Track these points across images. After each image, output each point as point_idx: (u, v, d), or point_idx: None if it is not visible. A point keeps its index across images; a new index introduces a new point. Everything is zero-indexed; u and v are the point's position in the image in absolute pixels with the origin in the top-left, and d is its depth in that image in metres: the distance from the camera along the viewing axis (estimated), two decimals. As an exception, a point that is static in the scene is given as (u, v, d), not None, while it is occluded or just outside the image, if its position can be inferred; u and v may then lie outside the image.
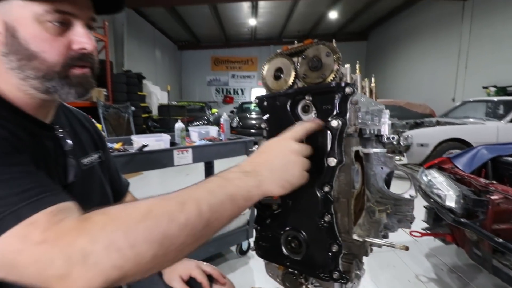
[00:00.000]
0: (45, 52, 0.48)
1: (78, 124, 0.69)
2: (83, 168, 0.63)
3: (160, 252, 0.36)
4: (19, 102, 0.51)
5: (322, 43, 0.56)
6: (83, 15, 0.51)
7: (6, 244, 0.34)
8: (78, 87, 0.52)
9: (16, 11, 0.46)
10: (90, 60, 0.53)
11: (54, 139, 0.57)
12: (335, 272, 0.53)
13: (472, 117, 4.51)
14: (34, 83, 0.49)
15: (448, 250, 2.10)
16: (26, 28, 0.46)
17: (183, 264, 0.78)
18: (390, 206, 0.78)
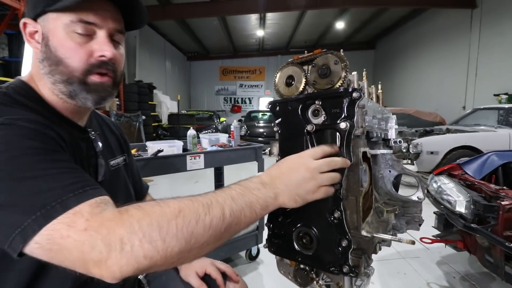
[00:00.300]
0: (68, 58, 0.53)
1: (107, 129, 0.76)
2: (110, 169, 0.69)
3: (186, 248, 0.41)
4: (59, 107, 0.58)
5: (330, 53, 0.61)
6: (106, 26, 0.55)
7: (55, 230, 0.38)
8: (95, 94, 0.56)
9: (50, 23, 0.53)
10: (110, 68, 0.57)
11: (87, 140, 0.63)
12: (345, 266, 0.56)
13: (483, 124, 4.45)
14: (61, 87, 0.55)
15: (460, 257, 2.06)
16: (56, 37, 0.53)
17: (199, 261, 0.82)
18: (398, 207, 0.80)
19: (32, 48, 0.56)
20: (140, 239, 0.38)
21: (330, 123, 0.58)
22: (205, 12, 8.72)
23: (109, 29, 0.56)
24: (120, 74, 0.61)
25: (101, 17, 0.54)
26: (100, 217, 0.39)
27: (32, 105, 0.53)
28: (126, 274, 0.38)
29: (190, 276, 0.79)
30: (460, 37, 8.37)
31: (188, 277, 0.79)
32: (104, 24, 0.55)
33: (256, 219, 0.49)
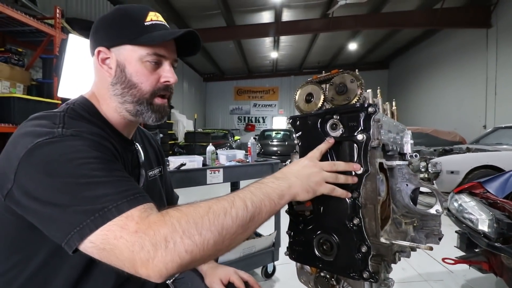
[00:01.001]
0: (142, 83, 0.63)
1: (147, 142, 0.84)
2: (149, 179, 0.76)
3: (219, 239, 0.46)
4: (113, 122, 0.67)
5: (347, 72, 0.67)
6: (170, 57, 0.66)
7: (110, 230, 0.44)
8: (157, 113, 0.66)
9: (126, 53, 0.63)
10: (170, 90, 0.68)
11: (132, 152, 0.72)
12: (365, 272, 0.59)
13: (505, 143, 4.31)
14: (129, 106, 0.64)
15: (486, 281, 1.96)
16: (132, 66, 0.63)
17: (223, 269, 0.85)
18: (416, 219, 0.82)
19: (103, 72, 0.64)
20: (181, 236, 0.43)
21: (348, 136, 0.63)
22: (222, 36, 9.16)
23: (171, 60, 0.67)
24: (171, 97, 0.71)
25: (168, 50, 0.65)
26: (147, 220, 0.45)
27: (93, 119, 0.62)
28: (171, 271, 0.43)
29: (215, 283, 0.82)
30: (476, 57, 8.31)
31: (212, 284, 0.83)
32: (169, 56, 0.66)
33: (276, 208, 0.55)
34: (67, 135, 0.52)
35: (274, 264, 2.01)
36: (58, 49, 2.93)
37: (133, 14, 0.64)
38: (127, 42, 0.62)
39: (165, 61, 0.65)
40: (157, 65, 0.64)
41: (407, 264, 2.24)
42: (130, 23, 0.63)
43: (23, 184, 0.48)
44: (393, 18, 8.12)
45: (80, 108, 0.63)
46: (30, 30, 3.64)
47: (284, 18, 8.88)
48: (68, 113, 0.59)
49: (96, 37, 0.65)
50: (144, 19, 0.63)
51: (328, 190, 0.59)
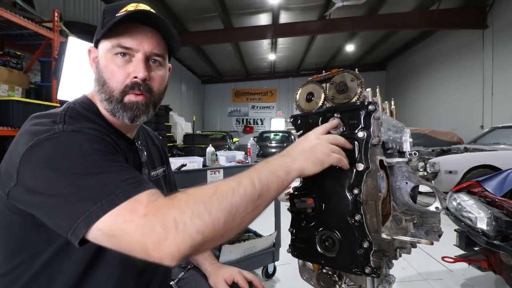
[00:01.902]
0: (109, 79, 0.61)
1: (151, 141, 0.84)
2: (151, 179, 0.76)
3: (229, 218, 0.45)
4: (111, 120, 0.66)
5: (347, 71, 0.68)
6: (142, 49, 0.61)
7: (119, 215, 0.43)
8: (129, 111, 0.62)
9: (101, 48, 0.63)
10: (143, 88, 0.62)
11: (134, 151, 0.71)
12: (367, 267, 0.59)
13: (502, 143, 4.35)
14: (105, 104, 0.63)
15: (486, 279, 1.97)
16: (103, 60, 0.62)
17: (227, 269, 0.86)
18: (416, 216, 0.83)
19: (92, 70, 0.66)
20: (190, 216, 0.42)
21: (348, 133, 0.64)
22: (219, 39, 9.20)
23: (145, 52, 0.61)
24: (157, 94, 0.66)
25: (137, 41, 0.60)
26: (156, 204, 0.45)
27: (93, 118, 0.62)
28: (184, 253, 0.41)
29: (219, 284, 0.83)
30: (472, 57, 8.38)
31: (217, 285, 0.83)
32: (140, 47, 0.61)
33: (284, 184, 0.53)
34: (68, 131, 0.52)
35: (274, 265, 2.01)
36: (58, 52, 2.94)
37: (113, 8, 0.62)
38: (99, 37, 0.61)
39: (136, 54, 0.61)
40: (128, 59, 0.61)
41: (407, 264, 2.25)
42: (107, 17, 0.61)
43: (26, 181, 0.48)
44: (390, 19, 8.18)
45: (81, 107, 0.63)
46: (28, 33, 3.64)
47: (282, 20, 8.92)
48: (68, 112, 0.59)
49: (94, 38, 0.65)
50: (118, 11, 0.60)
51: (336, 160, 0.58)
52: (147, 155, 0.76)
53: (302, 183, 0.71)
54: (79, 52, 2.36)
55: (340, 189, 0.64)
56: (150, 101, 0.65)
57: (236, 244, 1.75)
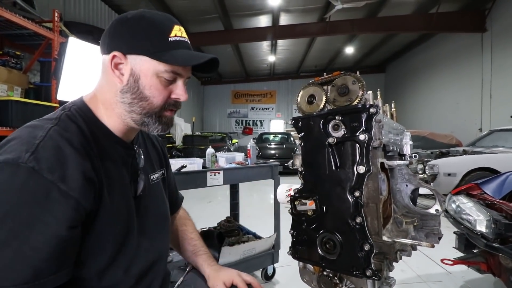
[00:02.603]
0: (154, 97, 0.63)
1: (150, 143, 0.84)
2: (150, 183, 0.76)
3: None
4: (112, 127, 0.66)
5: (348, 74, 0.69)
6: (186, 75, 0.67)
7: None
8: (165, 125, 0.67)
9: (144, 65, 0.62)
10: (179, 106, 0.69)
11: (132, 156, 0.71)
12: (368, 270, 0.60)
13: (501, 146, 4.37)
14: (136, 116, 0.64)
15: (485, 282, 1.97)
16: (147, 79, 0.62)
17: (226, 272, 0.85)
18: (416, 219, 0.83)
19: (113, 77, 0.63)
20: None
21: (350, 136, 0.64)
22: (219, 40, 9.21)
23: (187, 77, 0.68)
24: None
25: (186, 70, 0.66)
26: None
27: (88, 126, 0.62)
28: None
29: (218, 286, 0.82)
30: (471, 60, 8.42)
31: (215, 287, 0.83)
32: (185, 74, 0.66)
33: None
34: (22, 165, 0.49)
35: (274, 267, 2.01)
36: (58, 52, 2.94)
37: (159, 26, 0.62)
38: (147, 54, 0.61)
39: (179, 78, 0.66)
40: (171, 82, 0.65)
41: (406, 266, 2.25)
42: (154, 35, 0.61)
43: None
44: (389, 22, 8.21)
45: (76, 113, 0.62)
46: (28, 33, 3.64)
47: (282, 22, 8.95)
48: (59, 123, 0.58)
49: (114, 39, 0.62)
50: (169, 34, 0.62)
51: None
52: (146, 158, 0.76)
53: (303, 185, 0.71)
54: (79, 53, 2.36)
55: (341, 191, 0.64)
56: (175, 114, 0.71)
57: (236, 246, 1.75)
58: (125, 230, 0.63)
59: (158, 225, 0.76)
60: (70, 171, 0.52)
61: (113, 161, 0.64)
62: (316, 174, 0.69)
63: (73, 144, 0.55)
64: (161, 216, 0.79)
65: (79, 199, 0.52)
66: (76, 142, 0.56)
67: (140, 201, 0.71)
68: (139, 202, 0.70)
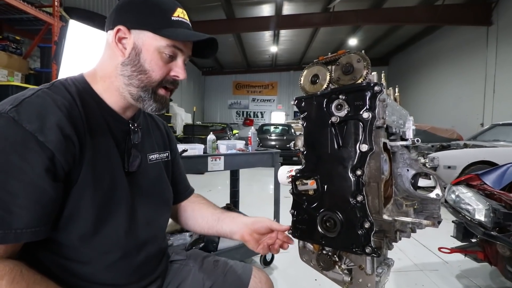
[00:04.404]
0: (153, 71, 0.64)
1: (154, 125, 0.84)
2: (148, 162, 0.75)
3: None
4: (108, 100, 0.67)
5: (353, 52, 0.68)
6: (187, 53, 0.67)
7: None
8: (158, 103, 0.67)
9: (146, 39, 0.63)
10: (176, 85, 0.69)
11: (126, 132, 0.71)
12: (367, 247, 0.60)
13: (502, 140, 4.36)
14: (133, 90, 0.65)
15: (481, 271, 2.00)
16: (148, 53, 0.63)
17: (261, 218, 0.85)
18: (417, 202, 0.83)
19: (115, 50, 0.64)
20: None
21: (353, 115, 0.64)
22: (221, 29, 9.10)
23: (188, 56, 0.68)
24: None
25: (186, 47, 0.67)
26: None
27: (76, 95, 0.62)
28: None
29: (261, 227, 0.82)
30: (476, 54, 8.33)
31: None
32: (186, 51, 0.67)
33: None
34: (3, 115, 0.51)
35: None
36: (58, 36, 2.90)
37: (164, 5, 0.65)
38: (150, 30, 0.63)
39: (180, 56, 0.67)
40: (171, 58, 0.65)
41: (403, 254, 2.28)
42: (158, 13, 0.64)
43: None
44: (394, 13, 8.09)
45: (72, 83, 0.64)
46: (28, 18, 3.60)
47: (285, 11, 8.82)
48: (50, 87, 0.60)
49: (119, 15, 0.64)
50: (172, 13, 0.65)
51: None
52: (145, 138, 0.76)
53: (304, 165, 0.71)
54: (80, 37, 2.34)
55: (343, 170, 0.64)
56: (171, 95, 0.71)
57: (235, 232, 1.76)
58: (108, 199, 0.63)
59: (154, 204, 0.75)
60: (49, 124, 0.53)
61: (101, 131, 0.64)
62: (318, 154, 0.68)
63: (57, 103, 0.56)
64: (158, 196, 0.77)
65: (55, 152, 0.53)
66: (61, 103, 0.57)
67: (134, 178, 0.70)
68: (132, 178, 0.70)
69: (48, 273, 0.57)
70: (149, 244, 0.73)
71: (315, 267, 0.74)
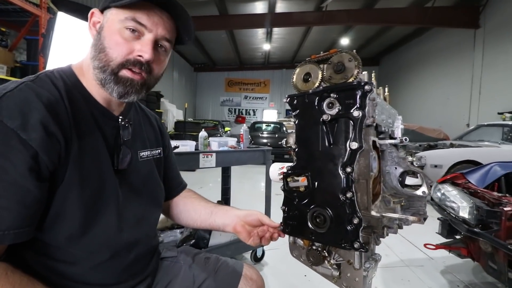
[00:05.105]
0: (110, 48, 0.59)
1: (147, 122, 0.81)
2: (139, 160, 0.73)
3: None
4: (94, 93, 0.64)
5: (345, 51, 0.69)
6: (155, 31, 0.60)
7: None
8: (122, 86, 0.60)
9: (110, 16, 0.60)
10: (144, 69, 0.61)
11: (116, 128, 0.68)
12: (356, 242, 0.61)
13: (487, 140, 4.50)
14: (96, 72, 0.60)
15: (464, 267, 2.07)
16: (109, 29, 0.60)
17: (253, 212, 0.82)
18: (404, 199, 0.86)
19: (91, 35, 0.62)
20: None
21: (344, 113, 0.65)
22: (214, 25, 9.02)
23: (157, 34, 0.61)
24: (154, 77, 0.66)
25: (152, 21, 0.60)
26: None
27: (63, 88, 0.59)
28: None
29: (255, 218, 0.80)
30: (463, 56, 8.53)
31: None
32: (154, 28, 0.60)
33: None
34: None
35: (263, 249, 2.05)
36: (46, 28, 2.82)
37: None
38: (112, 5, 0.59)
39: (147, 34, 0.60)
40: (137, 36, 0.59)
41: (390, 251, 2.34)
42: None
43: None
44: (385, 14, 8.20)
45: (59, 75, 0.61)
46: (14, 9, 3.48)
47: (278, 9, 8.81)
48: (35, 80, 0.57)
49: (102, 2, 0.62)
50: None
51: None
52: (136, 134, 0.73)
53: (296, 162, 0.72)
54: (69, 29, 2.28)
55: (334, 167, 0.65)
56: (146, 82, 0.64)
57: (226, 228, 1.77)
58: (96, 198, 0.60)
59: (144, 203, 0.73)
60: (32, 121, 0.50)
61: (89, 127, 0.62)
62: (309, 151, 0.69)
63: (41, 99, 0.53)
64: (149, 194, 0.75)
65: (39, 150, 0.50)
66: (45, 97, 0.54)
67: (124, 175, 0.68)
68: (122, 176, 0.67)
69: (35, 274, 0.55)
70: (139, 243, 0.71)
71: (305, 262, 0.76)
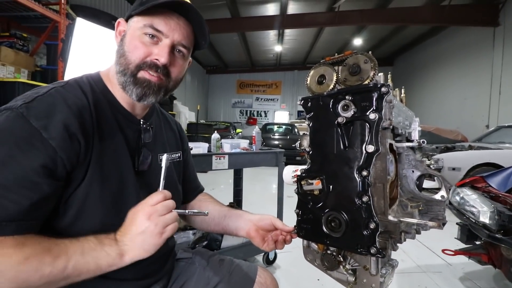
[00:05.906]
0: (129, 52, 0.63)
1: (167, 126, 0.84)
2: (158, 162, 0.74)
3: None
4: (119, 97, 0.68)
5: (361, 53, 0.68)
6: (172, 36, 0.64)
7: None
8: (139, 88, 0.63)
9: (131, 24, 0.65)
10: (161, 72, 0.64)
11: (138, 131, 0.71)
12: (372, 248, 0.60)
13: (508, 142, 4.32)
14: (118, 77, 0.65)
15: (484, 274, 1.99)
16: (130, 36, 0.64)
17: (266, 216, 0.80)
18: (421, 203, 0.83)
19: (116, 43, 0.67)
20: None
21: (360, 115, 0.64)
22: (226, 28, 9.11)
23: (173, 40, 0.64)
24: (173, 81, 0.68)
25: (169, 27, 0.63)
26: None
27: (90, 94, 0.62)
28: None
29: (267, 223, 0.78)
30: (482, 55, 8.24)
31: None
32: (170, 34, 0.63)
33: (101, 272, 0.54)
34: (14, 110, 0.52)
35: (275, 252, 2.04)
36: (65, 34, 2.93)
37: None
38: (133, 13, 0.64)
39: (164, 39, 0.63)
40: (155, 41, 0.63)
41: (406, 256, 2.27)
42: None
43: None
44: (400, 13, 8.03)
45: (87, 81, 0.65)
46: (34, 15, 3.63)
47: (290, 11, 8.79)
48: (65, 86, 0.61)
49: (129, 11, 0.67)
50: None
51: (170, 233, 0.57)
52: (157, 138, 0.75)
53: (310, 165, 0.72)
54: (87, 34, 2.36)
55: (349, 171, 0.64)
56: (164, 85, 0.66)
57: (238, 230, 1.77)
58: (117, 198, 0.62)
59: None
60: (55, 122, 0.54)
61: (111, 130, 0.64)
62: (324, 154, 0.69)
63: (67, 102, 0.57)
64: None
65: (58, 149, 0.52)
66: (72, 101, 0.58)
67: (144, 177, 0.70)
68: (143, 177, 0.70)
69: None
70: None
71: (319, 267, 0.75)
